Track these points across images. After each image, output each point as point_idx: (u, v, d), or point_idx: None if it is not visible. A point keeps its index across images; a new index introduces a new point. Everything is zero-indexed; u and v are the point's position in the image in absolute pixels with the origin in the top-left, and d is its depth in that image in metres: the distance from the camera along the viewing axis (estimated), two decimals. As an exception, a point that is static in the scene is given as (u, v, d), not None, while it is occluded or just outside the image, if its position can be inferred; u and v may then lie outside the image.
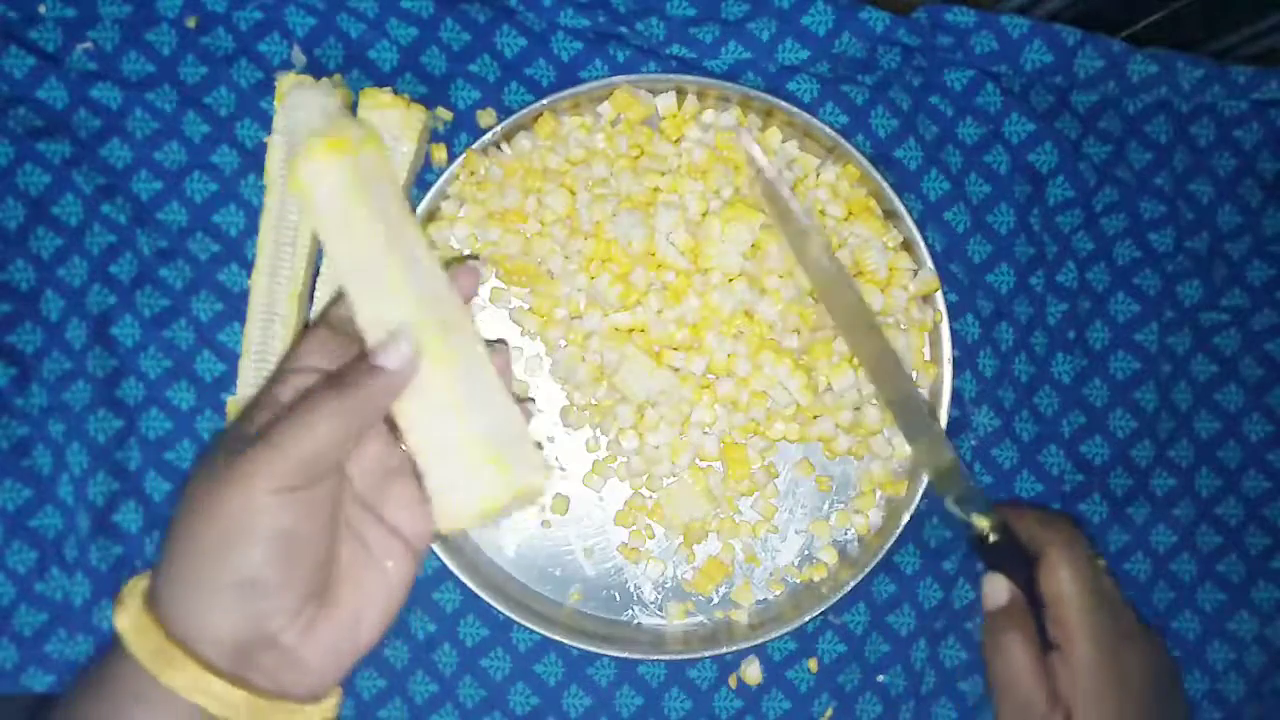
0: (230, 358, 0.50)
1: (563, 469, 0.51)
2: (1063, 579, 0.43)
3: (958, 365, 0.51)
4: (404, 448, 0.38)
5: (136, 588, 0.37)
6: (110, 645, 0.37)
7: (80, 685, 0.38)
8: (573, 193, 0.49)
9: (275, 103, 0.46)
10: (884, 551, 0.50)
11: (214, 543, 0.35)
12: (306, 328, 0.41)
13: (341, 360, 0.38)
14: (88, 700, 0.37)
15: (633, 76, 0.49)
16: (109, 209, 0.50)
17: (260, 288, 0.47)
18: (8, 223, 0.50)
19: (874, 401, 0.50)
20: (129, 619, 0.36)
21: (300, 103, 0.40)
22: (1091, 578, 0.44)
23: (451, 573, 0.49)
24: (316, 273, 0.48)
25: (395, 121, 0.46)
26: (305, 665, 0.37)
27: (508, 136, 0.49)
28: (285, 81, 0.46)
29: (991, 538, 0.46)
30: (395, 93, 0.47)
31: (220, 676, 0.35)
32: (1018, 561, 0.46)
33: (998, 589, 0.46)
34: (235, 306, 0.50)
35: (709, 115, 0.50)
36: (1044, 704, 0.43)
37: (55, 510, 0.50)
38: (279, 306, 0.47)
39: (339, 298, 0.40)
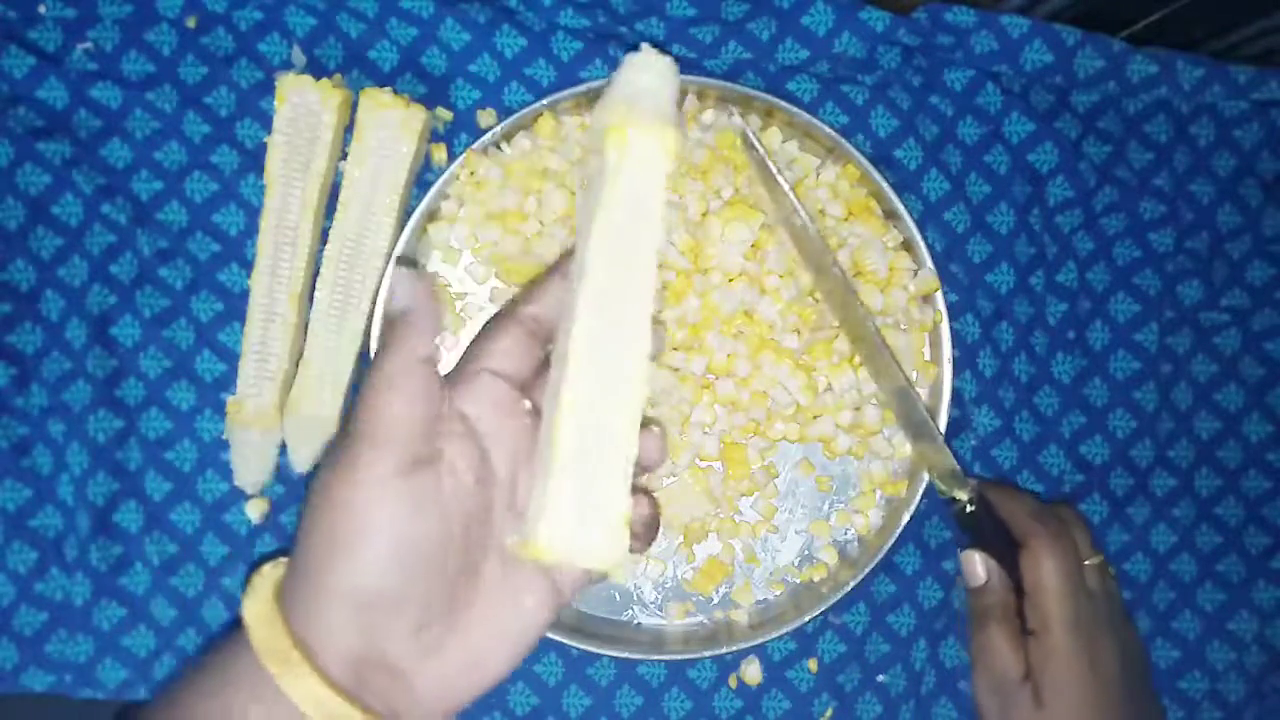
0: (230, 358, 0.50)
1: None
2: (1043, 570, 0.45)
3: (958, 365, 0.51)
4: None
5: (271, 576, 0.34)
6: (230, 633, 0.34)
7: (192, 675, 0.34)
8: (573, 193, 0.49)
9: (276, 103, 0.46)
10: (884, 551, 0.50)
11: (325, 541, 0.32)
12: (490, 322, 0.37)
13: (533, 365, 0.35)
14: (198, 694, 0.33)
15: (633, 76, 0.49)
16: (109, 209, 0.50)
17: (260, 288, 0.47)
18: (8, 223, 0.50)
19: (874, 401, 0.50)
20: (257, 609, 0.33)
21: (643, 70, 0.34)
22: (1072, 570, 0.45)
23: (451, 573, 0.48)
24: (316, 272, 0.48)
25: (395, 122, 0.46)
26: (418, 694, 0.33)
27: (508, 136, 0.49)
28: (286, 82, 0.46)
29: (969, 508, 0.48)
30: (395, 93, 0.47)
31: (338, 693, 0.31)
32: (1002, 538, 0.47)
33: (975, 567, 0.48)
34: (235, 306, 0.50)
35: (709, 115, 0.50)
36: (1018, 677, 0.45)
37: (55, 510, 0.50)
38: (279, 306, 0.47)
39: (530, 293, 0.37)
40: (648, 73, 0.33)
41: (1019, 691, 0.45)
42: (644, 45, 0.33)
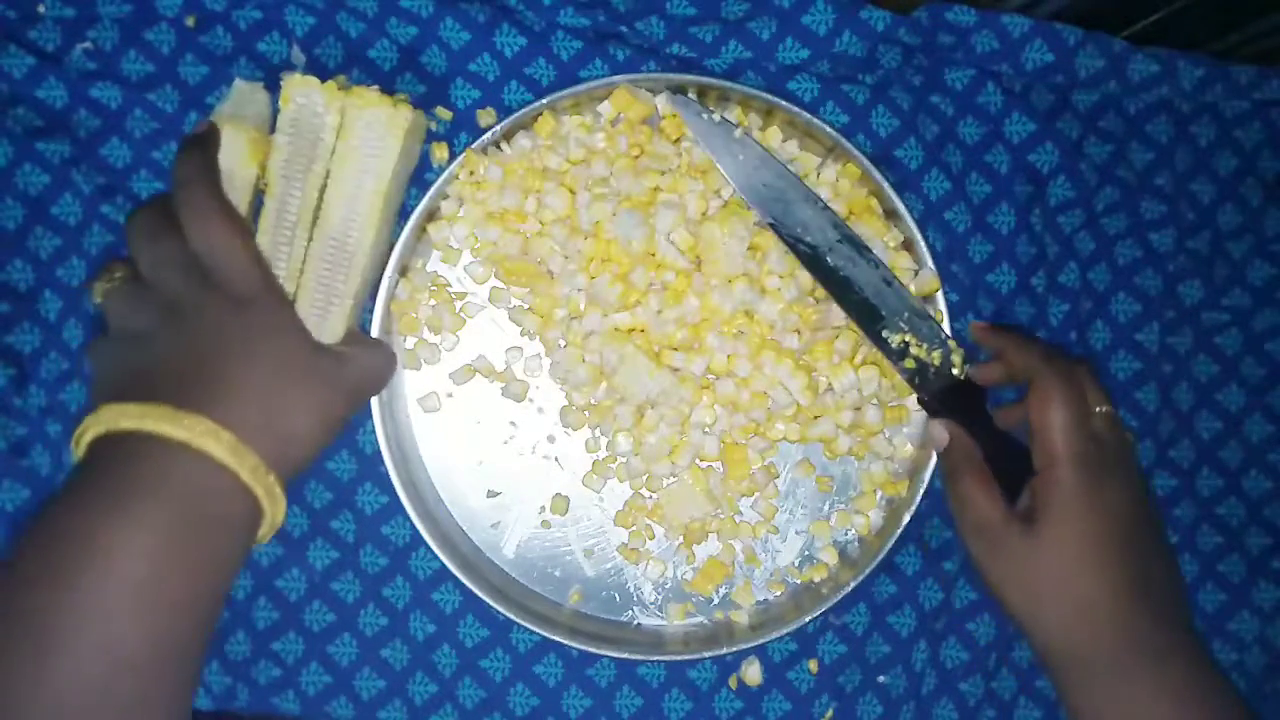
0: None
1: (562, 468, 0.50)
2: (1050, 407, 0.43)
3: (959, 365, 0.50)
4: None
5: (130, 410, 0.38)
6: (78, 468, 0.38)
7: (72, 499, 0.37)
8: (572, 192, 0.48)
9: (280, 103, 0.45)
10: (884, 552, 0.49)
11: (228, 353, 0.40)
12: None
13: None
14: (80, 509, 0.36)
15: (633, 76, 0.48)
16: (109, 209, 0.49)
17: None
18: (6, 223, 0.49)
19: (875, 402, 0.49)
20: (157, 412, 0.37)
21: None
22: (1078, 409, 0.43)
23: (451, 574, 0.48)
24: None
25: (381, 119, 0.45)
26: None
27: (507, 136, 0.48)
28: (292, 83, 0.45)
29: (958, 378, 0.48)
30: (385, 92, 0.46)
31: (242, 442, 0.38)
32: (968, 404, 0.48)
33: (936, 431, 0.48)
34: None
35: (709, 114, 0.49)
36: (998, 516, 0.44)
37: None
38: None
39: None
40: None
41: (1003, 527, 0.44)
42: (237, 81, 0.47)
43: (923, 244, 0.49)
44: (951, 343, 0.48)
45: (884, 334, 0.48)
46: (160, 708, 0.36)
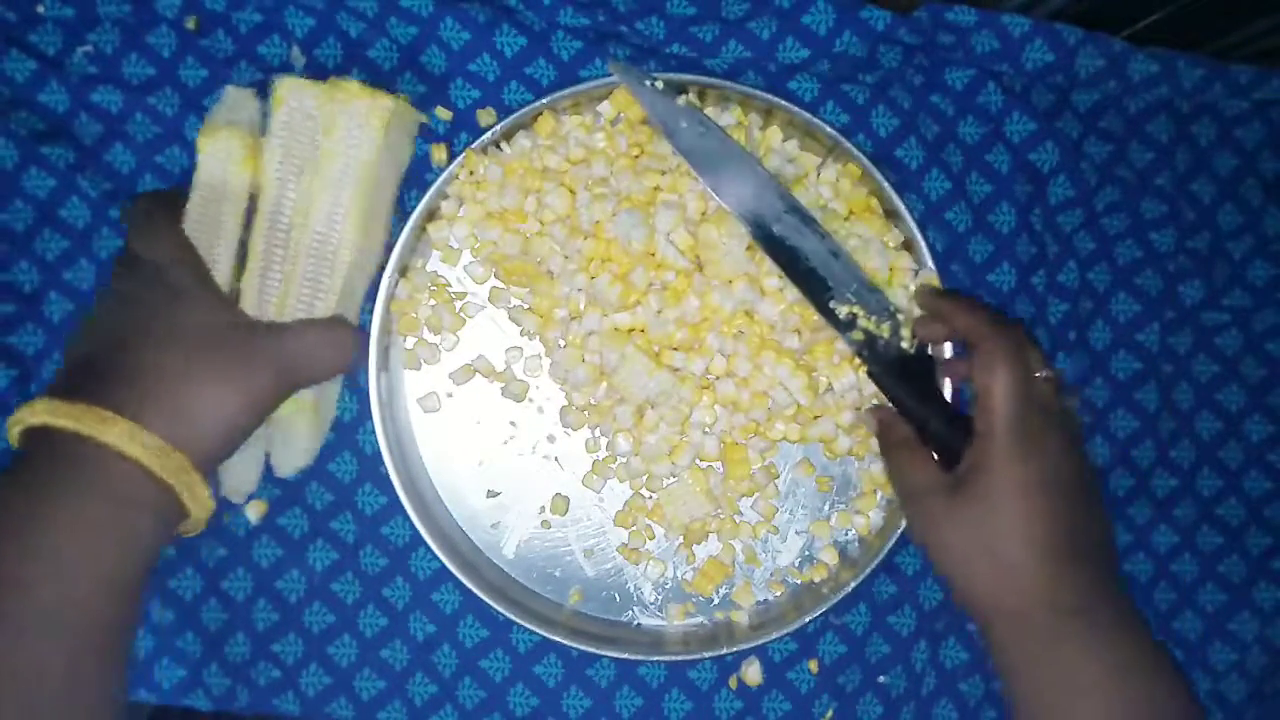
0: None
1: (562, 468, 0.50)
2: (994, 371, 0.42)
3: (959, 365, 0.49)
4: None
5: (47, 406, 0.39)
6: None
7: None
8: (572, 192, 0.47)
9: (273, 105, 0.45)
10: (885, 552, 0.48)
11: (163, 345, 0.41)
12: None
13: None
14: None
15: (632, 76, 0.47)
16: (116, 213, 0.49)
17: (251, 290, 0.45)
18: (15, 224, 0.49)
19: (875, 402, 0.48)
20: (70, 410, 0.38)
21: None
22: (1021, 374, 0.42)
23: (451, 574, 0.47)
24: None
25: (361, 112, 0.44)
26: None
27: (507, 136, 0.48)
28: (284, 85, 0.45)
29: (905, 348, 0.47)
30: (381, 87, 0.45)
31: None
32: (917, 376, 0.47)
33: (869, 419, 0.48)
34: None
35: (709, 114, 0.48)
36: (930, 482, 0.44)
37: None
38: (269, 310, 0.45)
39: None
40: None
41: (935, 491, 0.43)
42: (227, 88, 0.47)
43: (923, 244, 0.48)
44: (900, 315, 0.47)
45: (831, 305, 0.47)
46: (92, 682, 0.37)
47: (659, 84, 0.46)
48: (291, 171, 0.44)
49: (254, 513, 0.49)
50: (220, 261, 0.45)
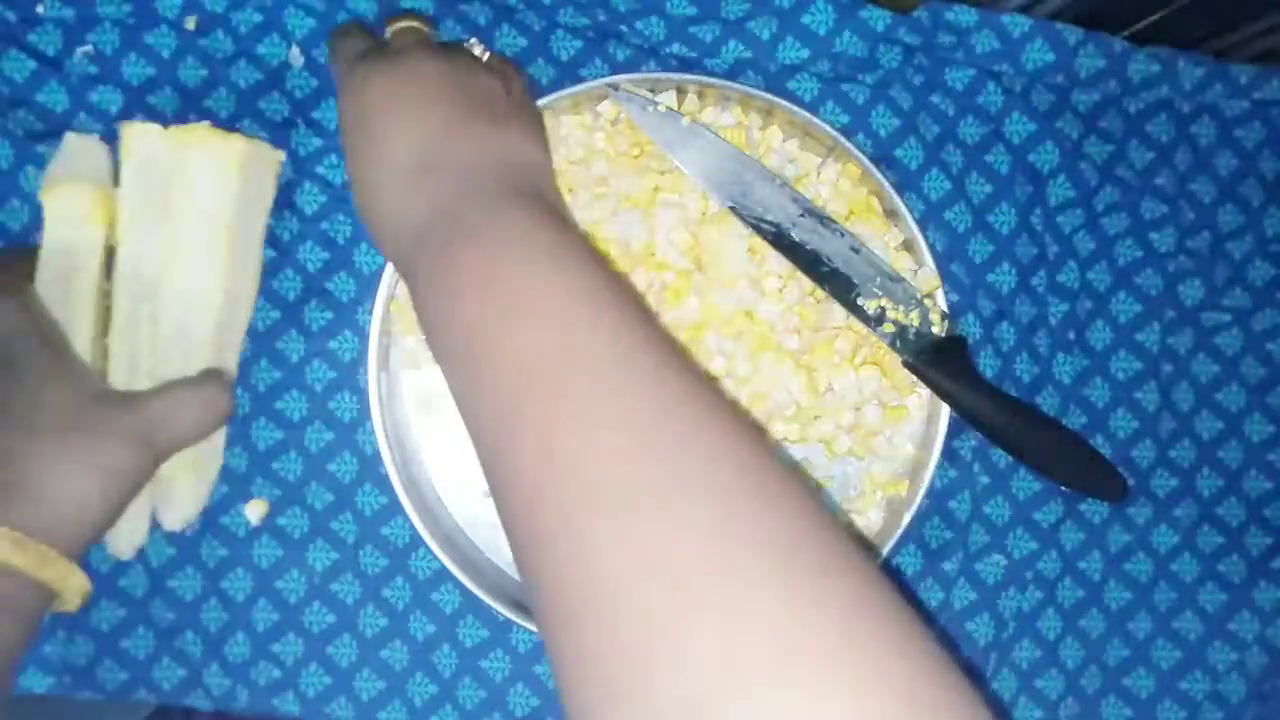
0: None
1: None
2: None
3: (959, 365, 0.48)
4: None
5: None
6: None
7: None
8: (572, 192, 0.46)
9: (121, 155, 0.43)
10: (885, 553, 0.47)
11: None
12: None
13: None
14: None
15: (632, 76, 0.47)
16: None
17: (119, 349, 0.43)
18: (11, 224, 0.48)
19: (875, 401, 0.48)
20: None
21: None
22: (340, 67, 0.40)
23: (450, 574, 0.46)
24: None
25: (213, 157, 0.43)
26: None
27: (507, 136, 0.47)
28: (129, 131, 0.43)
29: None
30: (225, 127, 0.45)
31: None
32: (951, 361, 0.46)
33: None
34: (234, 307, 0.48)
35: (709, 114, 0.48)
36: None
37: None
38: (140, 368, 0.43)
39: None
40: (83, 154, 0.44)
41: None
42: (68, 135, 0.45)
43: (923, 244, 0.47)
44: (927, 301, 0.47)
45: (859, 301, 0.46)
46: None
47: (661, 108, 0.46)
48: (148, 222, 0.42)
49: (254, 513, 0.48)
50: (80, 323, 0.42)
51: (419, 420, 0.49)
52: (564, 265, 0.32)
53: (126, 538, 0.46)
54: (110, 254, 0.43)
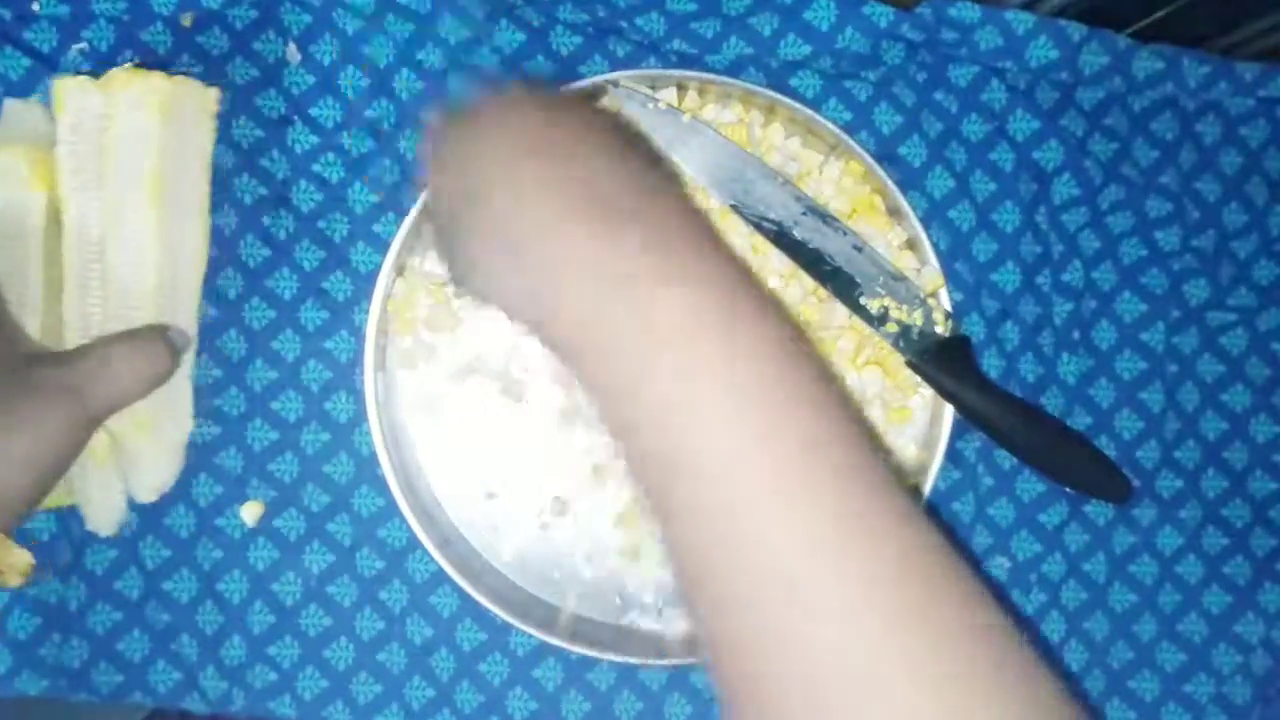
0: (225, 363, 0.47)
1: (561, 470, 0.48)
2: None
3: (963, 365, 0.47)
4: None
5: None
6: None
7: None
8: (571, 190, 0.46)
9: (56, 112, 0.41)
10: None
11: None
12: None
13: None
14: None
15: (633, 72, 0.46)
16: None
17: (72, 313, 0.42)
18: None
19: (878, 402, 0.47)
20: None
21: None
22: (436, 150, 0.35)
23: (448, 577, 0.45)
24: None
25: (133, 100, 0.40)
26: None
27: (505, 134, 0.46)
28: (62, 86, 0.41)
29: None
30: (138, 66, 0.42)
31: None
32: (956, 361, 0.45)
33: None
34: (231, 313, 0.47)
35: (710, 111, 0.47)
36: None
37: (49, 513, 0.47)
38: (93, 327, 0.42)
39: None
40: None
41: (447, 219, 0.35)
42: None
43: (926, 242, 0.46)
44: (931, 301, 0.46)
45: (862, 301, 0.45)
46: None
47: (662, 105, 0.45)
48: (88, 179, 0.41)
49: (250, 515, 0.47)
50: (30, 288, 0.41)
51: (416, 421, 0.48)
52: (792, 364, 0.29)
53: (103, 512, 0.44)
54: (58, 215, 0.41)
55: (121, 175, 0.41)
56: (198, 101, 0.44)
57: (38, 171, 0.41)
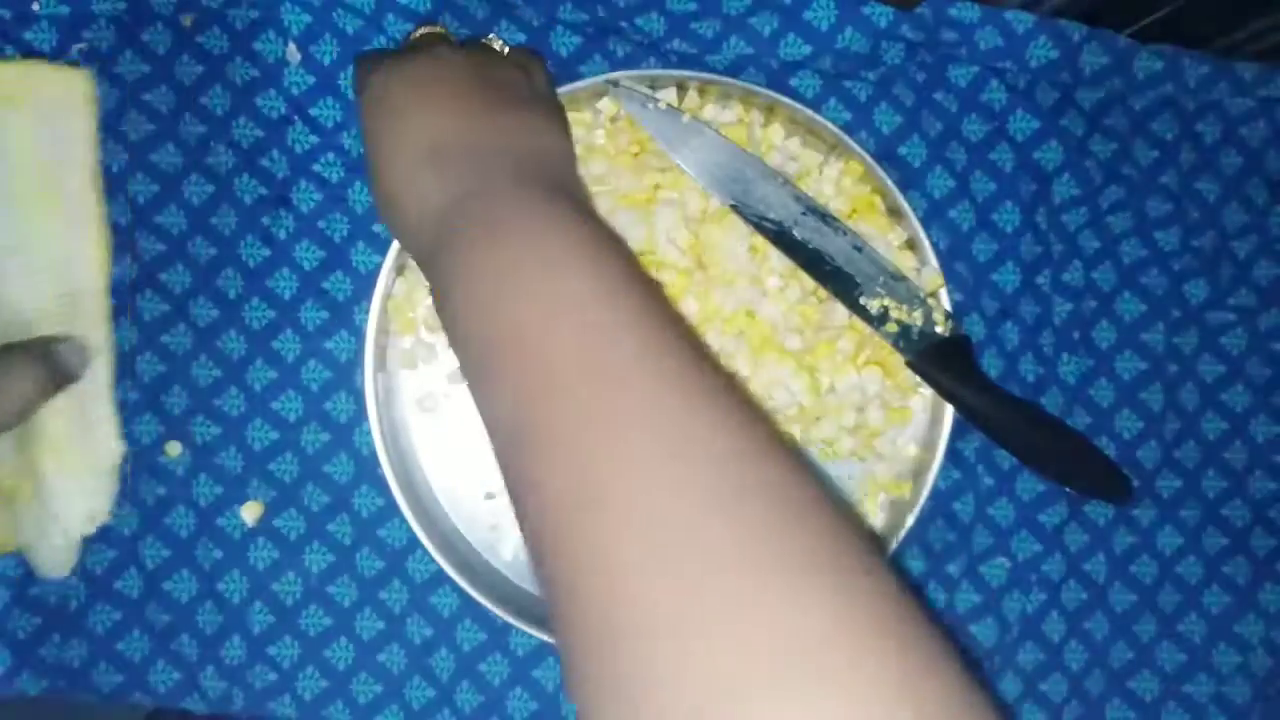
0: (226, 364, 0.47)
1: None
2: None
3: (963, 365, 0.47)
4: None
5: None
6: None
7: None
8: (571, 190, 0.45)
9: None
10: (888, 555, 0.46)
11: None
12: None
13: None
14: None
15: (633, 72, 0.45)
16: (114, 210, 0.47)
17: None
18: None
19: (878, 402, 0.47)
20: None
21: None
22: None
23: (448, 577, 0.45)
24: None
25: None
26: None
27: (505, 134, 0.46)
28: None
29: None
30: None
31: None
32: (956, 361, 0.45)
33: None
34: (230, 313, 0.47)
35: (710, 111, 0.47)
36: None
37: (49, 513, 0.47)
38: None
39: None
40: None
41: None
42: None
43: (926, 242, 0.46)
44: (931, 300, 0.45)
45: (862, 301, 0.45)
46: None
47: (662, 105, 0.45)
48: None
49: (250, 515, 0.47)
50: None
51: (416, 421, 0.47)
52: (586, 263, 0.30)
53: (47, 554, 0.44)
54: None
55: (3, 184, 0.38)
56: (70, 89, 0.41)
57: None
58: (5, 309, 0.39)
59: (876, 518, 0.48)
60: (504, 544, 0.48)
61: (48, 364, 0.40)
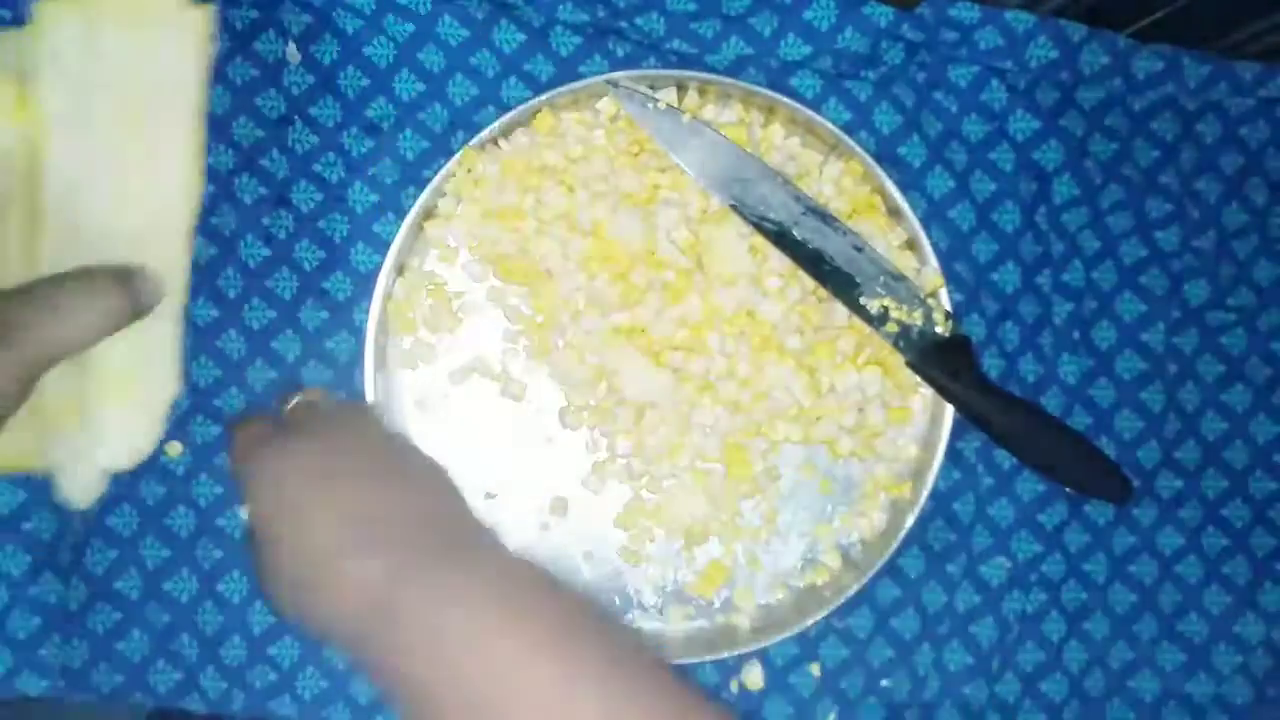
0: (225, 363, 0.47)
1: (561, 469, 0.48)
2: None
3: (963, 365, 0.47)
4: None
5: None
6: None
7: None
8: (571, 190, 0.45)
9: (34, 42, 0.38)
10: (888, 555, 0.46)
11: None
12: None
13: None
14: None
15: (633, 72, 0.45)
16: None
17: (39, 260, 0.39)
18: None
19: (878, 402, 0.46)
20: None
21: None
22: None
23: (448, 577, 0.45)
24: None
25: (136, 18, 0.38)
26: None
27: (506, 133, 0.45)
28: (44, 12, 0.38)
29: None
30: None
31: None
32: (955, 362, 0.45)
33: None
34: (230, 313, 0.47)
35: (710, 111, 0.46)
36: None
37: (49, 514, 0.46)
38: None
39: None
40: None
41: None
42: None
43: (926, 243, 0.46)
44: (931, 301, 0.45)
45: (862, 301, 0.45)
46: None
47: (662, 105, 0.44)
48: (70, 111, 0.38)
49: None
50: (7, 226, 0.38)
51: (416, 420, 0.47)
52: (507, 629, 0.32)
53: (76, 481, 0.43)
54: (38, 150, 0.39)
55: (105, 107, 0.38)
56: (187, 24, 0.41)
57: (14, 106, 0.38)
58: (91, 230, 0.38)
59: (877, 518, 0.48)
60: (504, 544, 0.48)
61: (128, 291, 0.38)
